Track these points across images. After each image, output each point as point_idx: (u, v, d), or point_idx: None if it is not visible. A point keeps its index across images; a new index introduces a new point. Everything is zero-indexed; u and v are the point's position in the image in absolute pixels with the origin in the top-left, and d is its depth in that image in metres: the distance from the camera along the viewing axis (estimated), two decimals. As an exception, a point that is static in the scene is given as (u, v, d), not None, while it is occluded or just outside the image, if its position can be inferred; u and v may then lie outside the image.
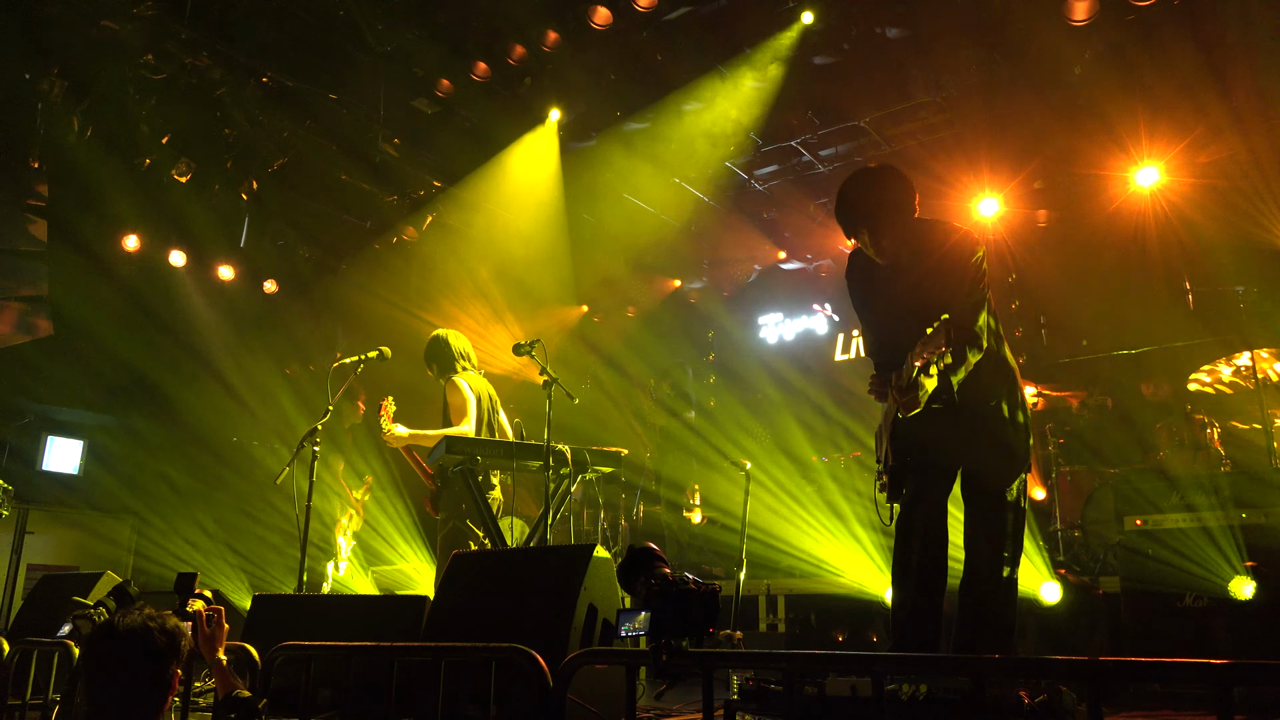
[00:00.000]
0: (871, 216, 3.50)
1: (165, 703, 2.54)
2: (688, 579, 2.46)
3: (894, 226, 3.48)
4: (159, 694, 2.51)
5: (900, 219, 3.49)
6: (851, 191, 3.56)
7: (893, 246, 3.51)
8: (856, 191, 3.55)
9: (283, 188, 9.10)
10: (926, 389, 3.21)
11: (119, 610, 2.66)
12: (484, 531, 5.44)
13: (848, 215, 3.55)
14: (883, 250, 3.54)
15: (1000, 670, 2.41)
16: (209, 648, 3.14)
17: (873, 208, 3.50)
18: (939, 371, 3.17)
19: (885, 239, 3.50)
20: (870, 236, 3.52)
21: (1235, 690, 1.78)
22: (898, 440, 3.56)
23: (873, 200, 3.50)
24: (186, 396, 9.49)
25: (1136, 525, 5.21)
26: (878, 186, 3.52)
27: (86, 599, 3.88)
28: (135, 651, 2.47)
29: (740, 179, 9.41)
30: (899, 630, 3.59)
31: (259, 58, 7.61)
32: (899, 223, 3.49)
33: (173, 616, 2.63)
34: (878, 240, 3.51)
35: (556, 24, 7.39)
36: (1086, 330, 8.75)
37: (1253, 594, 4.55)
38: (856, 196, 3.54)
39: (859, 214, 3.52)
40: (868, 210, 3.50)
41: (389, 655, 2.94)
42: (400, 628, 3.80)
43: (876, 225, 3.49)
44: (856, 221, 3.53)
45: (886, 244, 3.51)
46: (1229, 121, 7.39)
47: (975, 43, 7.16)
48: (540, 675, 2.57)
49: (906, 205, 3.50)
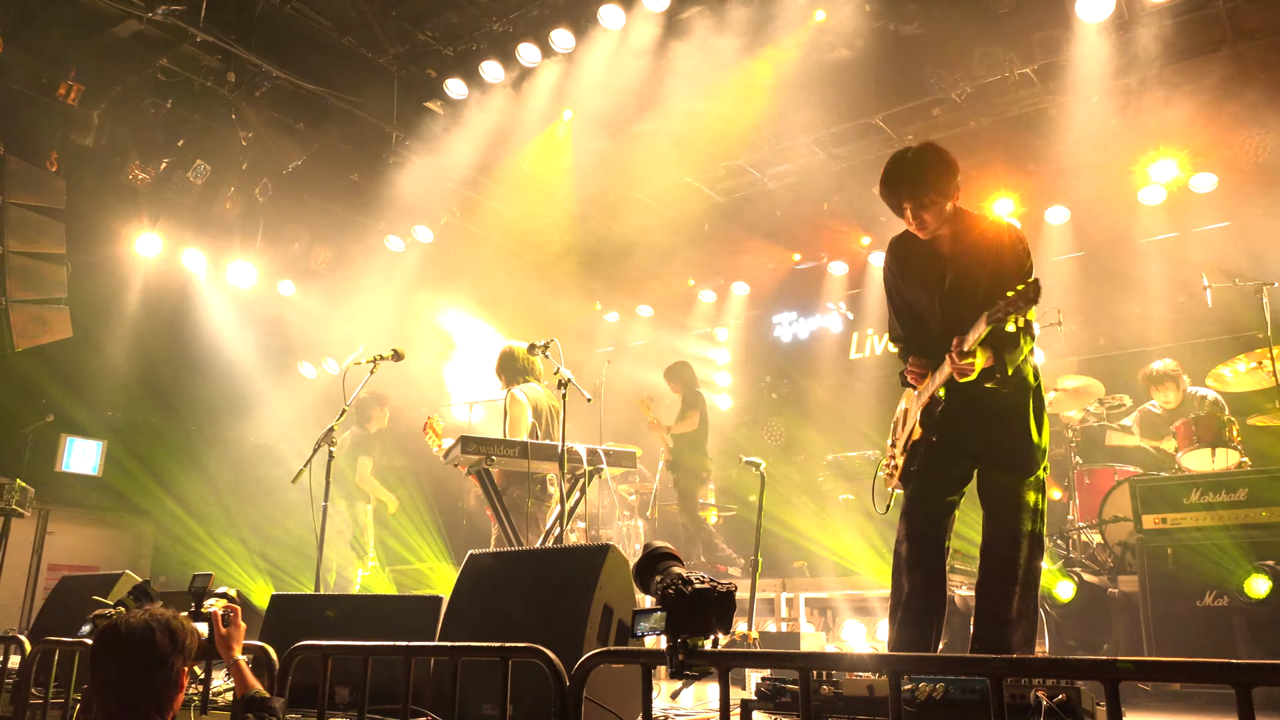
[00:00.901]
0: (915, 188, 3.57)
1: (173, 700, 2.53)
2: (704, 578, 2.45)
3: (936, 200, 3.56)
4: (167, 692, 2.51)
5: (942, 193, 3.56)
6: (896, 166, 3.64)
7: (934, 221, 3.59)
8: (901, 165, 3.63)
9: (297, 189, 9.16)
10: (980, 360, 3.31)
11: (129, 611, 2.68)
12: (509, 530, 5.47)
13: (892, 188, 3.63)
14: (925, 224, 3.61)
15: (1018, 670, 2.39)
16: (226, 647, 3.15)
17: (916, 180, 3.58)
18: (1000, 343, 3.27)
19: (928, 212, 3.57)
20: (913, 209, 3.59)
21: (1255, 690, 1.77)
22: (926, 418, 3.58)
23: (916, 173, 3.59)
24: (205, 397, 9.56)
25: (1155, 524, 5.18)
26: (922, 161, 3.61)
27: (107, 599, 3.91)
28: (138, 650, 2.48)
29: (753, 177, 9.39)
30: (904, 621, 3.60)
31: (273, 60, 7.65)
32: (941, 197, 3.56)
33: (179, 615, 2.63)
34: (920, 214, 3.58)
35: (569, 23, 7.40)
36: (1104, 327, 8.70)
37: (1266, 592, 4.51)
38: (901, 170, 3.62)
39: (904, 186, 3.60)
40: (912, 182, 3.58)
41: (405, 654, 2.95)
42: (416, 627, 3.81)
43: (920, 198, 3.56)
44: (901, 194, 3.61)
45: (929, 217, 3.58)
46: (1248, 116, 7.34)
47: (989, 40, 7.13)
48: (557, 675, 2.57)
49: (949, 180, 3.57)
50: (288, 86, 7.98)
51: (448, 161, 8.94)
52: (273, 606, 4.50)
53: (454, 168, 9.16)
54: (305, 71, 7.89)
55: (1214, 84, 7.11)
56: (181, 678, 2.55)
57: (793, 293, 11.13)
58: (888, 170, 3.66)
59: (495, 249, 10.18)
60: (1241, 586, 4.61)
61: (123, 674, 2.49)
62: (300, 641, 3.21)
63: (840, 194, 9.60)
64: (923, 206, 3.57)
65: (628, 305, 11.94)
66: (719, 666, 2.40)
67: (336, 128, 8.62)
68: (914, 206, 3.58)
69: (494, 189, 9.53)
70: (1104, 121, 7.58)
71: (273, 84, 7.87)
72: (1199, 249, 8.01)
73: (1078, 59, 7.10)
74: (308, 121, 8.42)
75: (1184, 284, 7.99)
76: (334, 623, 4.17)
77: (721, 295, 11.71)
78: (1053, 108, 7.63)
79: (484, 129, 8.48)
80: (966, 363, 3.32)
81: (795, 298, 11.09)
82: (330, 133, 8.63)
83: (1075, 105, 7.54)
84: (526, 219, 9.82)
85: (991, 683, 2.05)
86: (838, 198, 9.70)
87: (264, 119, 8.08)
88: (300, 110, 8.31)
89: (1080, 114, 7.57)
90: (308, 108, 8.32)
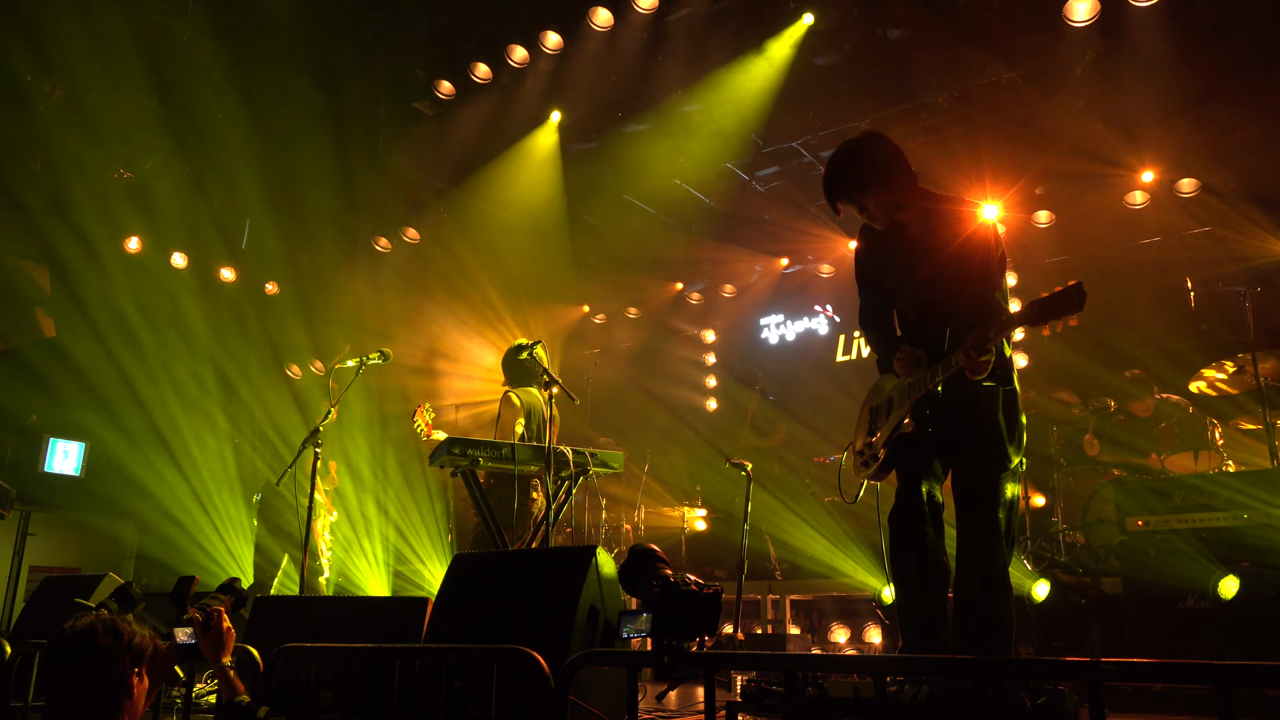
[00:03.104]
0: (843, 186, 3.57)
1: (126, 704, 2.50)
2: (690, 580, 2.46)
3: (870, 191, 3.53)
4: (117, 693, 2.47)
5: (872, 181, 3.52)
6: (832, 163, 3.63)
7: (880, 209, 3.56)
8: (828, 169, 3.63)
9: (284, 189, 9.11)
10: (992, 356, 3.24)
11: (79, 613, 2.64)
12: (494, 531, 5.46)
13: (829, 187, 3.63)
14: (873, 215, 3.60)
15: (1003, 671, 2.40)
16: (212, 652, 3.13)
17: (838, 179, 3.58)
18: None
19: (869, 201, 3.55)
20: (854, 208, 3.59)
21: (1236, 691, 1.78)
22: (919, 411, 3.50)
23: (837, 171, 3.59)
24: (188, 398, 9.50)
25: (1138, 526, 5.22)
26: (842, 159, 3.59)
27: (88, 601, 3.88)
28: (81, 653, 2.45)
29: (741, 180, 9.41)
30: (905, 630, 3.58)
31: (260, 58, 7.61)
32: (873, 186, 3.53)
33: (128, 618, 2.60)
34: (864, 206, 3.57)
35: (557, 25, 7.40)
36: (1089, 331, 8.76)
37: (1234, 593, 4.54)
38: (827, 173, 3.63)
39: (833, 187, 3.60)
40: (839, 180, 3.58)
41: (391, 656, 2.94)
42: (403, 629, 3.80)
43: (851, 193, 3.56)
44: (836, 191, 3.60)
45: (871, 205, 3.56)
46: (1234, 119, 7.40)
47: (976, 44, 7.16)
48: (542, 676, 2.57)
49: (875, 167, 3.53)
50: (275, 84, 7.91)
51: (435, 162, 8.93)
52: (258, 608, 4.48)
53: (442, 168, 9.15)
54: (293, 69, 7.82)
55: (1200, 89, 7.16)
56: (131, 679, 2.51)
57: (780, 295, 11.16)
58: (825, 175, 3.66)
59: (483, 250, 10.16)
60: (1213, 588, 4.64)
61: (67, 676, 2.47)
62: (286, 644, 3.19)
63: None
64: (856, 202, 3.56)
65: (616, 307, 11.94)
66: (704, 668, 2.40)
67: (325, 126, 8.58)
68: (847, 204, 3.58)
69: (482, 189, 9.52)
70: (1089, 126, 7.63)
71: (260, 81, 7.81)
72: (1184, 253, 8.08)
73: (1064, 63, 7.15)
74: (295, 120, 8.35)
75: (1169, 288, 8.05)
76: (321, 625, 4.16)
77: (709, 297, 11.73)
78: (1038, 112, 7.67)
79: (472, 130, 8.47)
80: (985, 359, 3.23)
81: (782, 300, 11.12)
82: (319, 131, 8.59)
83: (1061, 110, 7.59)
84: (514, 220, 9.81)
85: (976, 685, 2.06)
86: (825, 201, 9.73)
87: (251, 118, 8.02)
88: (287, 108, 8.23)
89: (1066, 118, 7.62)
90: (295, 106, 8.25)
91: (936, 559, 3.55)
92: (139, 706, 2.54)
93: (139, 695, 2.54)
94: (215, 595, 3.31)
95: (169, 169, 8.41)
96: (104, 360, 8.70)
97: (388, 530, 8.60)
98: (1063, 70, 7.21)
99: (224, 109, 7.93)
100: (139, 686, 2.53)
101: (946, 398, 3.49)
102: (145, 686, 2.56)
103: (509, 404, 5.94)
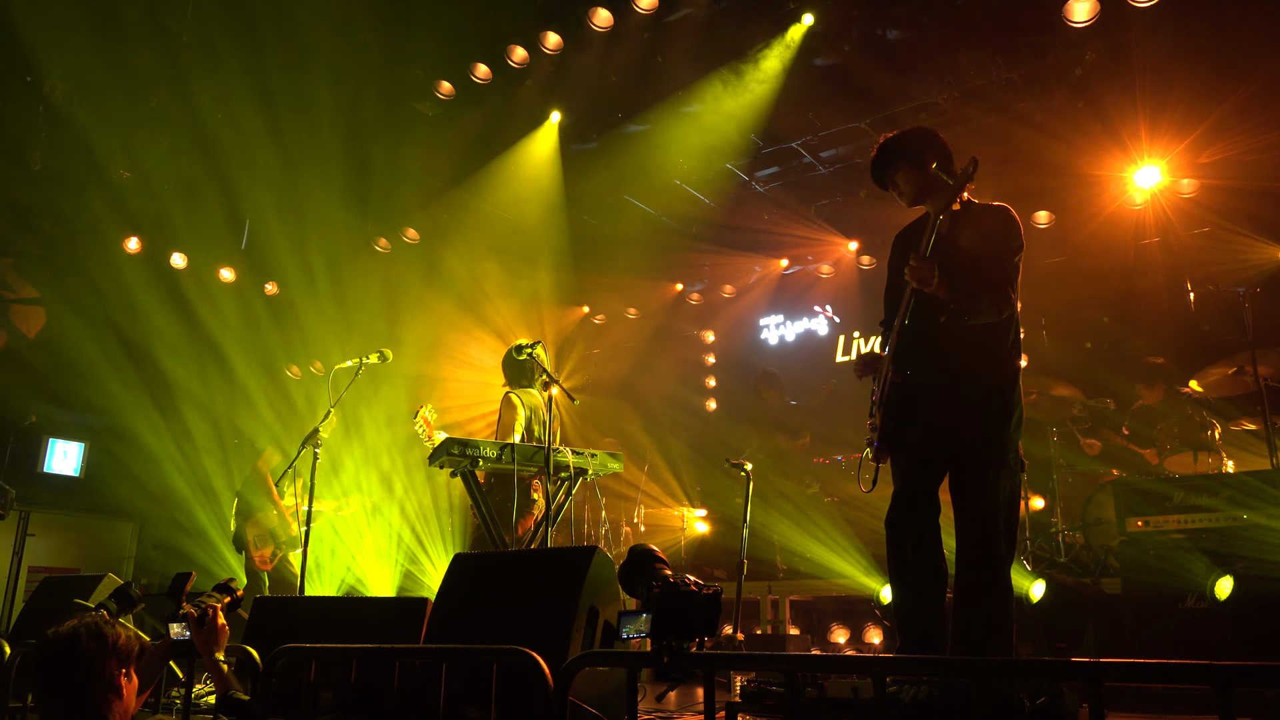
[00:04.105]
0: (894, 159, 3.87)
1: (115, 704, 2.50)
2: (689, 580, 2.45)
3: (914, 170, 3.81)
4: (107, 695, 2.48)
5: (920, 164, 3.79)
6: (882, 143, 3.96)
7: (908, 187, 3.84)
8: (885, 141, 3.95)
9: (283, 189, 9.10)
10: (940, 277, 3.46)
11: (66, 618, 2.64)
12: (493, 532, 5.46)
13: (875, 163, 3.95)
14: (902, 192, 3.88)
15: (1002, 672, 2.40)
16: (205, 648, 3.13)
17: (885, 152, 3.90)
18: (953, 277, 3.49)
19: (905, 181, 3.84)
20: (892, 179, 3.88)
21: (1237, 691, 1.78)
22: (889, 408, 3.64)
23: (890, 146, 3.90)
24: (188, 398, 9.49)
25: (1138, 527, 5.21)
26: (900, 135, 3.94)
27: (88, 601, 3.88)
28: (65, 655, 2.46)
29: (741, 180, 9.41)
30: (903, 631, 3.57)
31: (259, 58, 7.61)
32: (919, 167, 3.80)
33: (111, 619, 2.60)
34: (897, 183, 3.86)
35: (557, 26, 7.40)
36: (1088, 331, 8.75)
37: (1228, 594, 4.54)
38: (879, 147, 3.95)
39: (878, 159, 3.92)
40: (890, 154, 3.88)
41: (390, 657, 2.94)
42: (402, 629, 3.80)
43: (888, 168, 3.87)
44: (882, 167, 3.91)
45: (904, 185, 3.85)
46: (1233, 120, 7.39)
47: (975, 45, 7.16)
48: (541, 677, 2.56)
49: (927, 152, 3.81)
50: (274, 84, 7.91)
51: (435, 162, 8.92)
52: (257, 609, 4.48)
53: (442, 168, 9.14)
54: (292, 70, 7.82)
55: (1200, 89, 7.16)
56: (119, 680, 2.51)
57: (780, 296, 11.16)
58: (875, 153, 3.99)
59: (483, 251, 10.16)
60: (1209, 589, 4.64)
61: (54, 681, 2.47)
62: (285, 644, 3.19)
63: (828, 198, 9.65)
64: (889, 179, 3.88)
65: (616, 307, 11.94)
66: (704, 669, 2.39)
67: (324, 126, 8.57)
68: (885, 182, 3.91)
69: (482, 190, 9.52)
70: (1089, 126, 7.63)
71: (258, 82, 7.81)
72: (1183, 254, 8.07)
73: (1064, 64, 7.15)
74: (294, 120, 8.36)
75: (1168, 288, 8.05)
76: (320, 625, 4.15)
77: (709, 298, 11.73)
78: (1039, 112, 7.67)
79: (472, 130, 8.47)
80: (923, 271, 3.48)
81: (782, 301, 11.12)
82: (317, 131, 8.58)
83: (1060, 110, 7.59)
84: (514, 221, 9.81)
85: (976, 685, 2.06)
86: (825, 201, 9.74)
87: (250, 117, 8.02)
88: (286, 109, 8.23)
89: (1065, 118, 7.62)
90: (294, 106, 8.25)
91: (934, 560, 3.56)
92: (130, 706, 2.54)
93: (129, 695, 2.54)
94: (210, 593, 3.32)
95: (169, 169, 8.39)
96: (104, 360, 8.70)
97: (403, 529, 8.57)
98: (1062, 70, 7.21)
99: (224, 109, 7.92)
100: (128, 686, 2.53)
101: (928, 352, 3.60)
102: (135, 686, 2.56)
103: (509, 405, 5.94)
